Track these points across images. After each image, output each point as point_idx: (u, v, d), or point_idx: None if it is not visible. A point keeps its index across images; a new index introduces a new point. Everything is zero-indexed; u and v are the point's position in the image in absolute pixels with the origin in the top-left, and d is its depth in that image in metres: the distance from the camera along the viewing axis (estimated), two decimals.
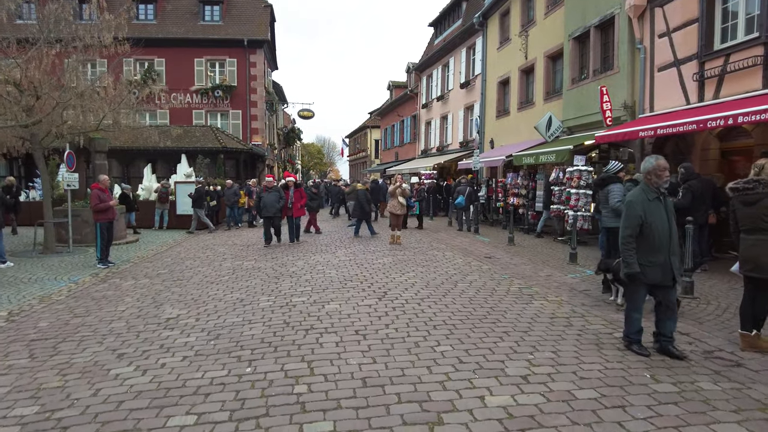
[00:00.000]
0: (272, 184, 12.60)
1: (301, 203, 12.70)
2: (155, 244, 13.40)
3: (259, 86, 25.76)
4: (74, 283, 8.32)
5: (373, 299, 6.49)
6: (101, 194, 9.77)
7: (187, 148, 20.18)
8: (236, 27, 26.02)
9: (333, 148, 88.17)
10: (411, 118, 33.01)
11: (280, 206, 12.09)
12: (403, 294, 6.75)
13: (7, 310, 6.64)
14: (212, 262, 10.08)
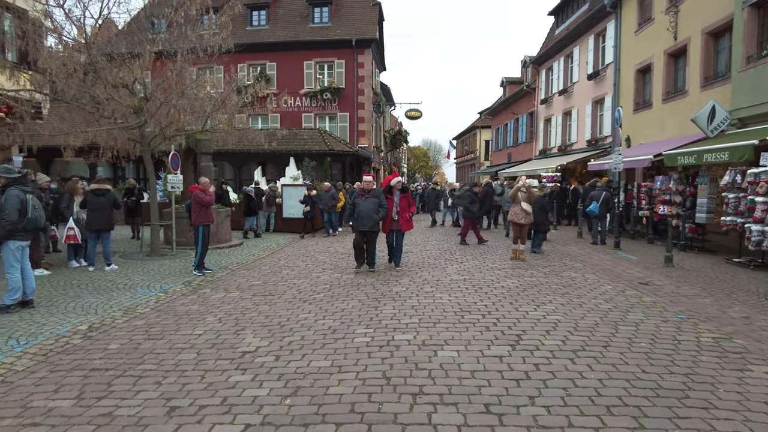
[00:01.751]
0: (371, 185, 9.19)
1: (409, 212, 9.55)
2: (258, 248, 12.87)
3: (367, 87, 25.06)
4: (164, 293, 7.70)
5: (503, 347, 4.80)
6: (202, 195, 9.22)
7: (295, 150, 19.91)
8: (345, 27, 25.60)
9: (439, 151, 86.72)
10: (527, 116, 30.38)
11: (380, 217, 8.97)
12: (545, 341, 4.95)
13: (89, 322, 6.03)
14: (310, 273, 9.05)
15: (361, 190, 9.40)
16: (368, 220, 8.84)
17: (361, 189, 9.35)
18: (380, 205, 8.94)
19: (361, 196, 9.18)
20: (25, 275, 6.63)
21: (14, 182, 6.57)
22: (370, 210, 8.86)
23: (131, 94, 10.81)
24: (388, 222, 9.32)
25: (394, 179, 9.55)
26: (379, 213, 8.89)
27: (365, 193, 9.14)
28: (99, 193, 9.32)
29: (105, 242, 9.52)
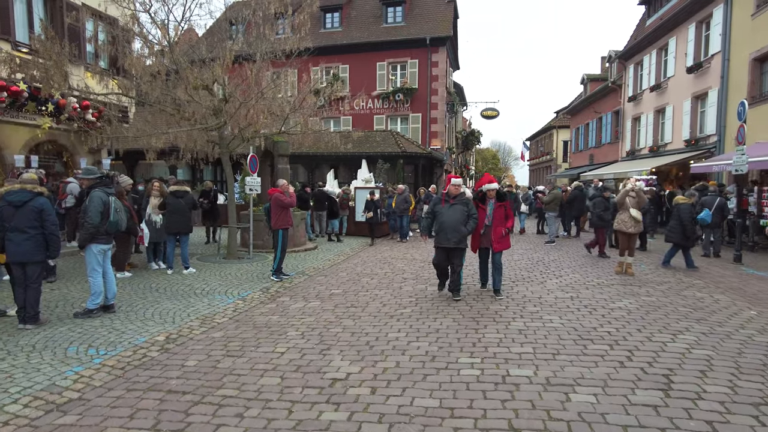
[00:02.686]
0: (458, 190, 7.14)
1: (506, 227, 7.25)
2: (332, 252, 12.43)
3: (441, 87, 24.21)
4: (242, 300, 7.32)
5: (651, 391, 3.82)
6: (281, 197, 8.84)
7: (368, 153, 19.47)
8: (418, 26, 24.92)
9: (509, 152, 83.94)
10: (612, 115, 28.26)
11: (469, 231, 6.96)
12: (706, 387, 3.89)
13: (167, 332, 5.69)
14: (390, 283, 8.38)
15: (444, 194, 7.28)
16: (453, 233, 6.87)
17: (444, 194, 7.31)
18: (469, 215, 6.97)
19: (444, 202, 7.17)
20: (107, 279, 6.44)
21: (98, 184, 6.41)
22: (456, 221, 6.88)
23: (211, 96, 10.71)
24: (477, 237, 7.41)
25: (486, 184, 7.42)
26: (467, 225, 6.92)
27: (449, 198, 7.12)
28: (178, 195, 9.18)
29: (183, 245, 9.38)
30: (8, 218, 5.65)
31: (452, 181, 7.24)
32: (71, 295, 7.46)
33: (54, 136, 13.54)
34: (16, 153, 12.52)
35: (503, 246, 7.34)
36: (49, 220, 5.73)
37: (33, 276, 5.74)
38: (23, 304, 5.72)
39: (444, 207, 7.11)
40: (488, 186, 7.37)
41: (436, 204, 7.32)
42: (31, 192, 5.71)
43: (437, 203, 7.29)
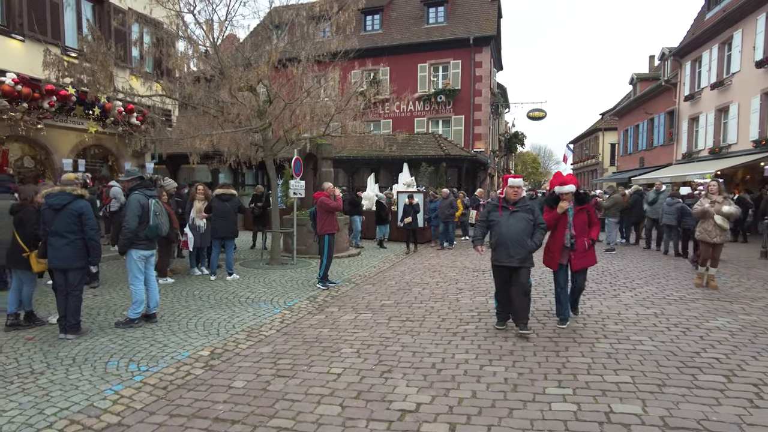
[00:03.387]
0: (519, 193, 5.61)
1: (589, 238, 5.87)
2: (376, 259, 11.89)
3: (485, 88, 23.43)
4: (289, 310, 6.85)
5: None
6: (327, 201, 8.38)
7: (409, 156, 18.91)
8: (461, 26, 24.25)
9: (549, 155, 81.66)
10: (665, 115, 26.75)
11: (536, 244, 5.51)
12: None
13: (211, 346, 5.25)
14: (445, 294, 7.75)
15: (501, 199, 5.74)
16: (517, 249, 5.38)
17: (501, 198, 5.75)
18: (536, 225, 5.53)
19: (501, 209, 5.64)
20: (149, 287, 6.09)
21: (138, 186, 6.06)
22: (518, 233, 5.41)
23: (255, 97, 10.40)
24: (558, 249, 5.79)
25: (559, 185, 5.81)
26: (534, 237, 5.48)
27: (508, 204, 5.62)
28: (224, 198, 8.84)
29: (228, 250, 9.03)
30: (49, 222, 5.36)
31: (510, 182, 5.69)
32: (113, 302, 7.18)
33: (100, 140, 13.61)
34: (65, 157, 12.59)
35: (586, 262, 5.84)
36: (88, 224, 5.40)
37: (74, 283, 5.42)
38: (64, 312, 5.41)
39: (502, 216, 5.57)
40: (563, 188, 5.76)
41: (491, 211, 5.77)
42: (70, 194, 5.40)
43: (492, 210, 5.76)
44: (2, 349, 5.08)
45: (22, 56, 10.45)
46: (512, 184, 5.70)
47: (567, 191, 5.77)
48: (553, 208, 5.80)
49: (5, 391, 4.09)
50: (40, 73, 10.06)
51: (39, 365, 4.64)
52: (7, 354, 4.93)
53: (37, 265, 5.79)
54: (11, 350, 5.04)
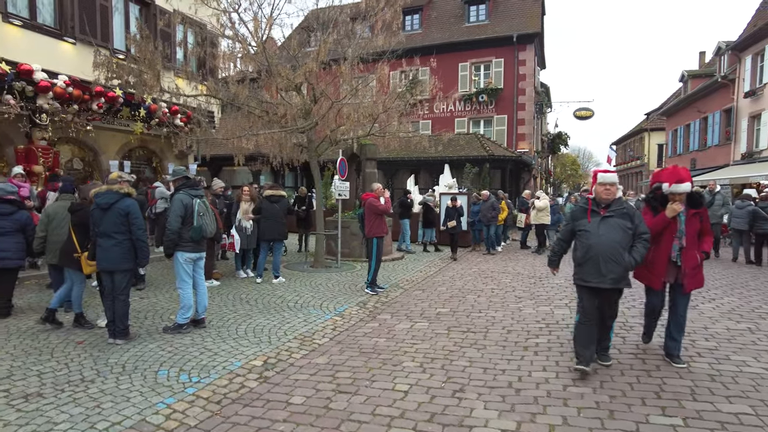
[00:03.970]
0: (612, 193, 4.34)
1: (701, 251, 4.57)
2: (421, 263, 11.45)
3: (528, 86, 22.68)
4: (340, 316, 6.50)
5: None
6: (376, 203, 8.02)
7: (451, 157, 18.39)
8: (504, 24, 23.58)
9: (589, 158, 79.20)
10: (721, 113, 25.30)
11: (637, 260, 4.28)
12: None
13: (264, 355, 4.94)
14: (504, 303, 7.24)
15: (591, 201, 4.44)
16: (610, 264, 4.16)
17: (590, 200, 4.46)
18: (637, 235, 4.27)
19: (591, 214, 4.37)
20: (198, 291, 5.84)
21: (183, 186, 5.83)
22: (613, 244, 4.18)
23: (300, 96, 10.17)
24: (661, 266, 4.52)
25: (673, 183, 4.43)
26: (635, 252, 4.24)
27: (599, 207, 4.35)
28: (273, 200, 8.61)
29: (276, 253, 8.79)
30: (97, 222, 5.17)
31: (600, 177, 4.40)
32: (160, 305, 7.00)
33: (145, 141, 13.71)
34: (111, 158, 12.72)
35: (698, 282, 4.52)
36: (135, 224, 5.18)
37: (121, 286, 5.21)
38: (112, 317, 5.20)
39: (591, 222, 4.31)
40: (678, 186, 4.37)
41: (577, 218, 4.50)
42: (117, 193, 5.19)
43: (579, 216, 4.48)
44: (54, 353, 4.91)
45: (73, 59, 10.54)
46: (604, 181, 4.34)
47: (682, 191, 4.38)
48: (659, 211, 4.54)
49: (56, 400, 3.87)
50: (89, 75, 10.12)
51: (89, 372, 4.42)
52: (58, 359, 4.75)
53: (87, 266, 5.64)
54: (62, 354, 4.86)
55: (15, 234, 6.14)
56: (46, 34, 10.17)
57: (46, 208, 6.35)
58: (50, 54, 10.05)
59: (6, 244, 6.08)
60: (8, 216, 6.16)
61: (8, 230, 6.10)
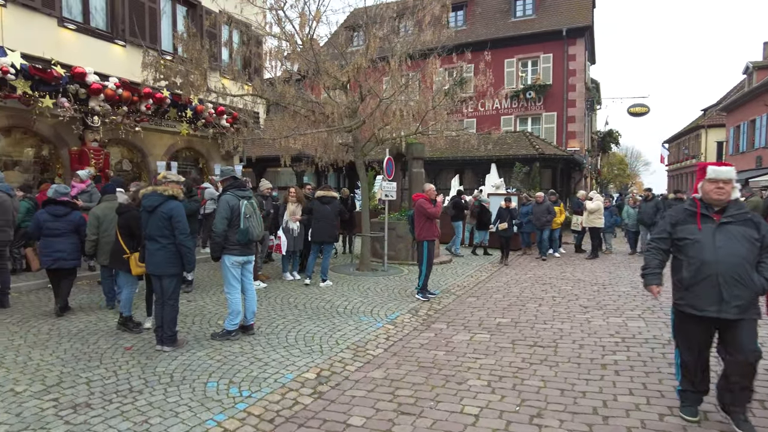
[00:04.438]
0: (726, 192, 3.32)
1: None
2: (471, 267, 10.96)
3: (579, 82, 21.71)
4: (392, 324, 6.13)
5: None
6: (427, 205, 7.60)
7: (498, 156, 17.74)
8: (552, 18, 22.69)
9: (638, 157, 75.91)
10: None
11: None
12: None
13: (316, 367, 4.62)
14: (570, 314, 6.68)
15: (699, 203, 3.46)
16: (734, 287, 3.20)
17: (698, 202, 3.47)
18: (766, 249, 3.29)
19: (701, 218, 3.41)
20: (247, 296, 5.59)
21: (230, 186, 5.58)
22: (737, 260, 3.23)
23: (346, 95, 9.88)
24: None
25: None
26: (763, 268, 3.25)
27: (711, 212, 3.39)
28: (324, 201, 8.34)
29: (325, 255, 8.53)
30: (144, 224, 5.00)
31: (712, 172, 3.36)
32: (207, 308, 6.82)
33: (191, 143, 13.78)
34: (159, 159, 12.82)
35: None
36: (178, 228, 4.94)
37: (168, 291, 5.01)
38: (161, 322, 5.01)
39: (703, 231, 3.35)
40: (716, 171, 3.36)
41: (678, 223, 3.51)
42: (161, 195, 4.98)
43: (683, 221, 3.49)
44: (102, 359, 4.75)
45: (124, 61, 10.63)
46: (717, 176, 3.32)
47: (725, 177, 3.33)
48: None
49: (104, 412, 3.67)
50: (138, 76, 10.20)
51: (137, 382, 4.22)
52: (106, 365, 4.58)
53: (136, 268, 5.52)
54: (111, 361, 4.69)
55: (70, 235, 6.21)
56: (98, 38, 10.28)
57: (95, 210, 6.33)
58: (102, 57, 10.15)
59: (62, 244, 6.15)
60: (63, 217, 6.23)
61: (63, 231, 6.17)
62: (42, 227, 6.12)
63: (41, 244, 6.27)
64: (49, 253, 6.12)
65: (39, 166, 10.58)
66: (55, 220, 6.16)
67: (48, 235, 6.12)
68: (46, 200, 6.34)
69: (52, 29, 9.38)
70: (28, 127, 9.96)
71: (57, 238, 6.13)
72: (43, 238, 6.16)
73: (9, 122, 9.63)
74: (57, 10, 9.47)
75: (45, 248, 6.17)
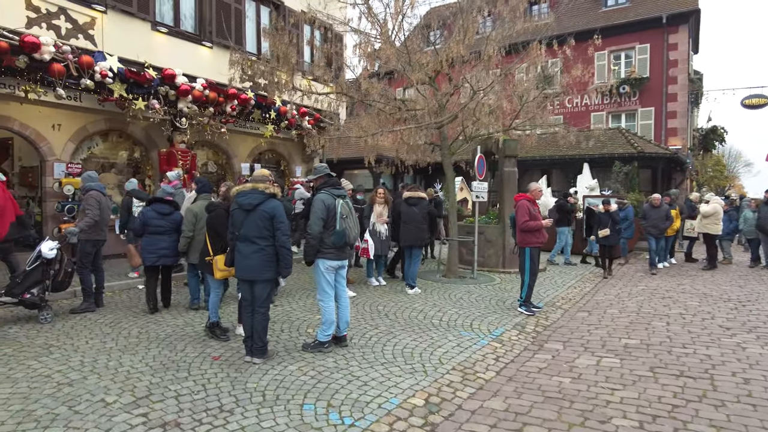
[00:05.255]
0: None
1: None
2: (569, 276, 9.92)
3: (681, 74, 19.64)
4: (498, 342, 5.39)
5: None
6: (531, 208, 6.77)
7: (592, 154, 16.31)
8: (648, 5, 20.77)
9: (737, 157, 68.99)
10: None
11: None
12: None
13: (422, 391, 4.01)
14: (712, 336, 5.60)
15: None
16: None
17: None
18: None
19: None
20: (340, 304, 5.10)
21: (324, 185, 5.10)
22: None
23: (434, 90, 9.26)
24: None
25: None
26: None
27: None
28: (412, 203, 7.77)
29: (414, 260, 7.95)
30: (238, 224, 4.61)
31: None
32: (294, 314, 6.44)
33: (273, 145, 13.78)
34: (243, 161, 12.90)
35: None
36: (281, 228, 4.53)
37: (261, 298, 4.59)
38: (251, 332, 4.61)
39: None
40: None
41: None
42: (262, 193, 4.58)
43: None
44: (191, 369, 4.42)
45: (210, 62, 10.70)
46: None
47: None
48: None
49: None
50: (225, 76, 10.19)
51: (227, 399, 3.81)
52: (195, 377, 4.23)
53: (218, 271, 5.23)
54: (199, 373, 4.35)
55: (172, 233, 6.37)
56: (187, 40, 10.41)
57: (192, 208, 6.26)
58: (190, 58, 10.25)
59: (166, 242, 6.33)
60: (167, 216, 6.42)
61: (167, 229, 6.36)
62: (148, 224, 6.27)
63: (145, 241, 6.37)
64: (154, 250, 6.28)
65: (131, 167, 10.88)
66: (160, 218, 6.33)
67: (153, 233, 6.28)
68: (152, 199, 6.65)
69: (146, 33, 9.56)
70: (123, 130, 10.25)
71: (161, 236, 6.30)
72: (147, 236, 6.31)
73: (107, 126, 9.94)
74: (151, 14, 9.64)
75: (149, 245, 6.30)
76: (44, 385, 4.02)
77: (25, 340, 5.18)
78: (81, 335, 5.37)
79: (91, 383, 4.07)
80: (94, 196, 6.29)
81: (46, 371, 4.32)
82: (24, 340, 5.17)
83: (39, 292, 5.77)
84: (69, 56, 7.87)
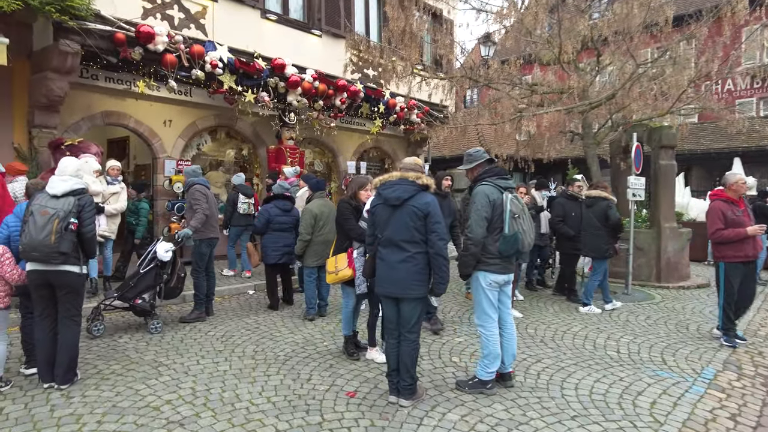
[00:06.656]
0: None
1: None
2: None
3: None
4: (717, 389, 3.90)
5: None
6: (728, 212, 5.12)
7: (746, 148, 13.71)
8: None
9: None
10: None
11: None
12: None
13: None
14: None
15: None
16: None
17: None
18: None
19: None
20: (504, 332, 3.87)
21: (486, 174, 3.90)
22: None
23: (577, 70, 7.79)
24: None
25: None
26: None
27: None
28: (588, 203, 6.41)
29: (593, 274, 6.56)
30: (381, 224, 3.57)
31: None
32: (428, 335, 5.32)
33: (378, 142, 12.96)
34: (348, 159, 12.19)
35: None
36: (437, 231, 3.43)
37: (410, 321, 3.52)
38: (396, 364, 3.55)
39: None
40: None
41: None
42: (413, 184, 3.51)
43: None
44: (323, 410, 3.45)
45: (319, 52, 10.01)
46: None
47: None
48: None
49: None
50: (333, 69, 9.49)
51: None
52: (331, 424, 3.25)
53: (330, 275, 4.45)
54: (334, 417, 3.37)
55: (293, 230, 6.16)
56: (295, 28, 9.79)
57: (311, 208, 5.69)
58: (298, 47, 9.60)
59: (289, 239, 6.14)
60: (288, 212, 6.26)
61: (288, 226, 6.19)
62: (272, 221, 6.11)
63: (267, 239, 6.18)
64: (278, 247, 6.12)
65: (239, 165, 10.51)
66: (283, 214, 6.19)
67: (276, 230, 6.14)
68: (272, 196, 6.44)
69: (255, 21, 9.04)
70: (231, 126, 9.86)
71: (284, 233, 6.16)
72: (270, 233, 6.14)
73: (215, 122, 9.59)
74: (261, 1, 9.12)
75: (272, 243, 6.13)
76: (152, 422, 3.24)
77: (134, 354, 4.55)
78: (191, 351, 4.66)
79: (205, 424, 3.22)
80: (199, 189, 5.77)
81: (155, 401, 3.56)
82: (133, 354, 4.55)
83: (150, 298, 5.21)
84: (181, 46, 7.46)
